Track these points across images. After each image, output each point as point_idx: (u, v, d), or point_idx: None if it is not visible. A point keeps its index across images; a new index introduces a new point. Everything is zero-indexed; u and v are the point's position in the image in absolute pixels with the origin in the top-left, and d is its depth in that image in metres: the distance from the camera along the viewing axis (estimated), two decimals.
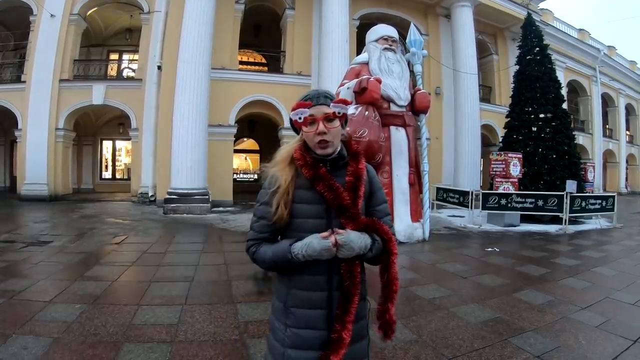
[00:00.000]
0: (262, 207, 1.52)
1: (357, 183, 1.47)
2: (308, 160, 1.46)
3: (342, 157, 1.52)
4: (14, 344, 3.18)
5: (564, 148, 11.98)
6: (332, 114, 1.45)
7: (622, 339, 3.57)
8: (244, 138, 20.62)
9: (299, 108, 1.46)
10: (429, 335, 3.63)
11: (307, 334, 1.46)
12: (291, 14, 14.82)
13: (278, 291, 1.57)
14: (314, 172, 1.44)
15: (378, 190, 1.60)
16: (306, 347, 1.46)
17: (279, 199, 1.44)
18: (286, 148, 1.55)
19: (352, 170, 1.49)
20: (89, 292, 4.53)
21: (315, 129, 1.44)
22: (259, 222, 1.53)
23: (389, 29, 9.07)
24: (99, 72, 15.88)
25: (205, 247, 7.45)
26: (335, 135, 1.47)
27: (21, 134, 14.10)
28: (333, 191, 1.42)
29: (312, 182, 1.45)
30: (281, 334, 1.50)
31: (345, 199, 1.42)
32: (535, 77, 12.66)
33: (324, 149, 1.45)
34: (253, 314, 4.01)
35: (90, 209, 12.24)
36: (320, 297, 1.45)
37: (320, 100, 1.46)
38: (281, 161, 1.51)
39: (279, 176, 1.48)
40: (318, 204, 1.45)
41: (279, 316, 1.53)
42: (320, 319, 1.46)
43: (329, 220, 1.45)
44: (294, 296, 1.49)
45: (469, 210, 11.48)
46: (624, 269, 6.37)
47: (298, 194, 1.46)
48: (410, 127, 8.59)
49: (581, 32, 24.80)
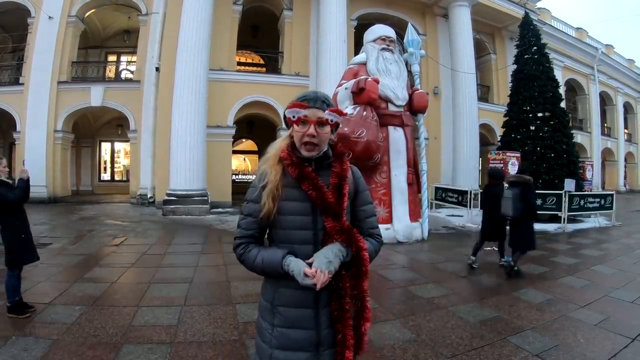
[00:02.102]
0: (249, 205, 1.53)
1: (342, 183, 1.48)
2: (294, 159, 1.48)
3: (327, 157, 1.53)
4: (15, 345, 3.19)
5: (563, 147, 12.00)
6: (325, 120, 1.46)
7: (621, 337, 3.58)
8: (242, 139, 20.60)
9: (295, 107, 1.47)
10: (428, 334, 3.64)
11: (295, 334, 1.46)
12: (289, 15, 14.82)
13: (265, 290, 1.58)
14: (299, 171, 1.46)
15: (363, 191, 1.61)
16: (294, 348, 1.46)
17: (267, 194, 1.45)
18: (275, 146, 1.57)
19: (336, 171, 1.50)
20: (88, 293, 4.54)
21: (306, 130, 1.45)
22: (246, 219, 1.53)
23: (386, 29, 9.08)
24: (97, 73, 15.88)
25: (205, 248, 7.45)
26: (323, 140, 1.48)
27: (20, 136, 14.08)
28: (317, 190, 1.43)
29: (297, 181, 1.46)
30: (268, 335, 1.50)
31: (329, 198, 1.43)
32: (533, 76, 12.69)
33: (309, 151, 1.47)
34: (252, 315, 4.01)
35: (89, 210, 12.24)
36: (307, 296, 1.45)
37: (317, 104, 1.46)
38: (271, 157, 1.53)
39: (269, 172, 1.49)
40: (304, 202, 1.46)
41: (266, 316, 1.53)
42: (308, 318, 1.46)
43: (314, 217, 1.46)
44: (281, 295, 1.49)
45: (467, 209, 11.49)
46: (622, 267, 6.39)
47: (285, 192, 1.47)
48: (409, 127, 8.60)
49: (579, 30, 24.84)
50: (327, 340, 1.47)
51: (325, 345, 1.47)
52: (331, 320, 1.47)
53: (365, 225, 1.59)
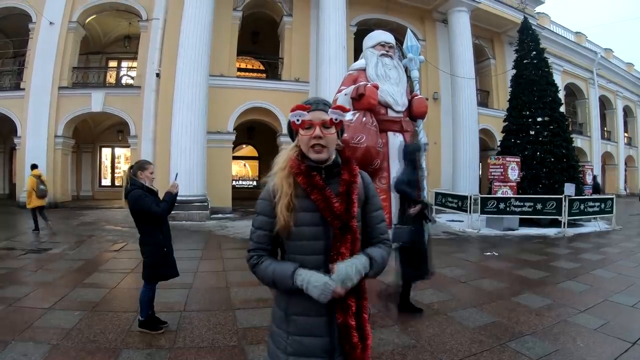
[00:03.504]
0: (260, 217, 1.53)
1: (351, 191, 1.48)
2: (303, 168, 1.48)
3: (337, 165, 1.53)
4: (14, 350, 3.19)
5: (562, 151, 12.02)
6: (330, 121, 1.47)
7: (621, 342, 3.58)
8: (242, 145, 20.66)
9: (297, 110, 1.48)
10: (427, 339, 3.64)
11: (310, 342, 1.46)
12: (289, 21, 14.89)
13: (278, 299, 1.57)
14: (308, 180, 1.46)
15: (373, 197, 1.62)
16: (308, 355, 1.46)
17: (282, 208, 1.45)
18: (282, 157, 1.56)
19: (345, 178, 1.50)
20: (88, 299, 4.54)
21: (312, 133, 1.45)
22: (256, 232, 1.54)
23: (386, 35, 9.11)
24: (98, 79, 15.96)
25: (204, 253, 7.45)
26: (331, 141, 1.48)
27: (20, 141, 14.13)
28: (326, 200, 1.44)
29: (307, 191, 1.46)
30: (283, 342, 1.50)
31: (338, 209, 1.44)
32: (532, 80, 12.72)
33: (318, 153, 1.46)
34: (251, 321, 4.02)
35: (89, 216, 12.25)
36: (320, 304, 1.44)
37: (319, 106, 1.48)
38: (280, 170, 1.52)
39: (281, 185, 1.48)
40: (315, 212, 1.45)
41: (280, 324, 1.53)
42: (322, 326, 1.47)
43: (325, 227, 1.45)
44: (295, 304, 1.49)
45: (467, 214, 11.48)
46: (623, 271, 6.38)
47: (296, 202, 1.47)
48: (408, 132, 8.60)
49: (578, 35, 24.93)
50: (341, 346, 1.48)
51: (340, 351, 1.48)
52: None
53: (376, 231, 1.59)
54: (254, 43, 18.35)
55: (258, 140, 20.16)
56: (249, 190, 20.94)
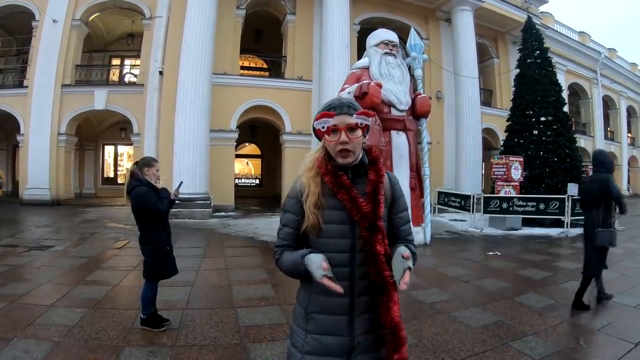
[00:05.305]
0: (286, 215, 1.56)
1: (377, 191, 1.48)
2: (329, 168, 1.48)
3: (364, 164, 1.53)
4: (16, 347, 3.19)
5: (565, 151, 11.97)
6: (355, 125, 1.46)
7: (623, 342, 3.56)
8: (245, 143, 20.67)
9: (322, 118, 1.47)
10: (430, 339, 3.62)
11: (328, 340, 1.47)
12: (292, 19, 14.87)
13: (300, 297, 1.59)
14: (335, 180, 1.46)
15: (400, 197, 1.61)
16: (326, 353, 1.46)
17: (310, 206, 1.46)
18: (310, 157, 1.57)
19: (372, 179, 1.50)
20: (90, 296, 4.55)
21: (338, 139, 1.45)
22: (283, 229, 1.57)
23: (389, 34, 9.10)
24: (101, 77, 15.95)
25: (207, 252, 7.46)
26: (357, 145, 1.47)
27: (23, 138, 14.19)
28: (353, 200, 1.44)
29: (334, 190, 1.47)
30: (301, 340, 1.51)
31: (365, 208, 1.43)
32: (535, 80, 12.68)
33: (344, 158, 1.46)
34: (253, 319, 4.02)
35: (92, 213, 12.27)
36: (342, 303, 1.45)
37: (343, 110, 1.46)
38: (307, 170, 1.53)
39: (308, 185, 1.49)
40: (342, 210, 1.46)
41: (300, 322, 1.54)
42: (342, 325, 1.47)
43: (352, 226, 1.46)
44: (316, 302, 1.50)
45: (470, 214, 11.47)
46: (626, 271, 6.34)
47: (323, 201, 1.48)
48: (411, 131, 8.60)
49: (582, 34, 24.82)
50: (361, 345, 1.47)
51: (359, 350, 1.47)
52: (367, 326, 1.48)
53: (402, 233, 1.59)
54: (257, 41, 18.33)
55: (261, 138, 20.18)
56: (252, 189, 21.02)
